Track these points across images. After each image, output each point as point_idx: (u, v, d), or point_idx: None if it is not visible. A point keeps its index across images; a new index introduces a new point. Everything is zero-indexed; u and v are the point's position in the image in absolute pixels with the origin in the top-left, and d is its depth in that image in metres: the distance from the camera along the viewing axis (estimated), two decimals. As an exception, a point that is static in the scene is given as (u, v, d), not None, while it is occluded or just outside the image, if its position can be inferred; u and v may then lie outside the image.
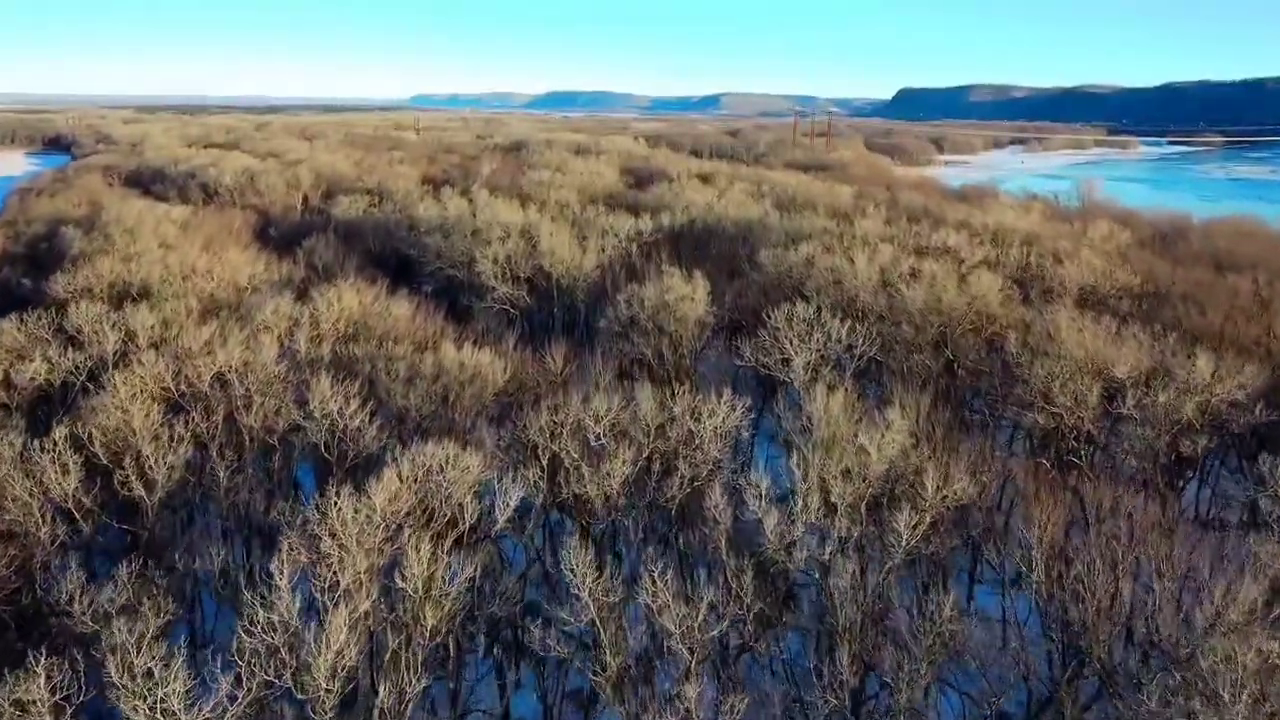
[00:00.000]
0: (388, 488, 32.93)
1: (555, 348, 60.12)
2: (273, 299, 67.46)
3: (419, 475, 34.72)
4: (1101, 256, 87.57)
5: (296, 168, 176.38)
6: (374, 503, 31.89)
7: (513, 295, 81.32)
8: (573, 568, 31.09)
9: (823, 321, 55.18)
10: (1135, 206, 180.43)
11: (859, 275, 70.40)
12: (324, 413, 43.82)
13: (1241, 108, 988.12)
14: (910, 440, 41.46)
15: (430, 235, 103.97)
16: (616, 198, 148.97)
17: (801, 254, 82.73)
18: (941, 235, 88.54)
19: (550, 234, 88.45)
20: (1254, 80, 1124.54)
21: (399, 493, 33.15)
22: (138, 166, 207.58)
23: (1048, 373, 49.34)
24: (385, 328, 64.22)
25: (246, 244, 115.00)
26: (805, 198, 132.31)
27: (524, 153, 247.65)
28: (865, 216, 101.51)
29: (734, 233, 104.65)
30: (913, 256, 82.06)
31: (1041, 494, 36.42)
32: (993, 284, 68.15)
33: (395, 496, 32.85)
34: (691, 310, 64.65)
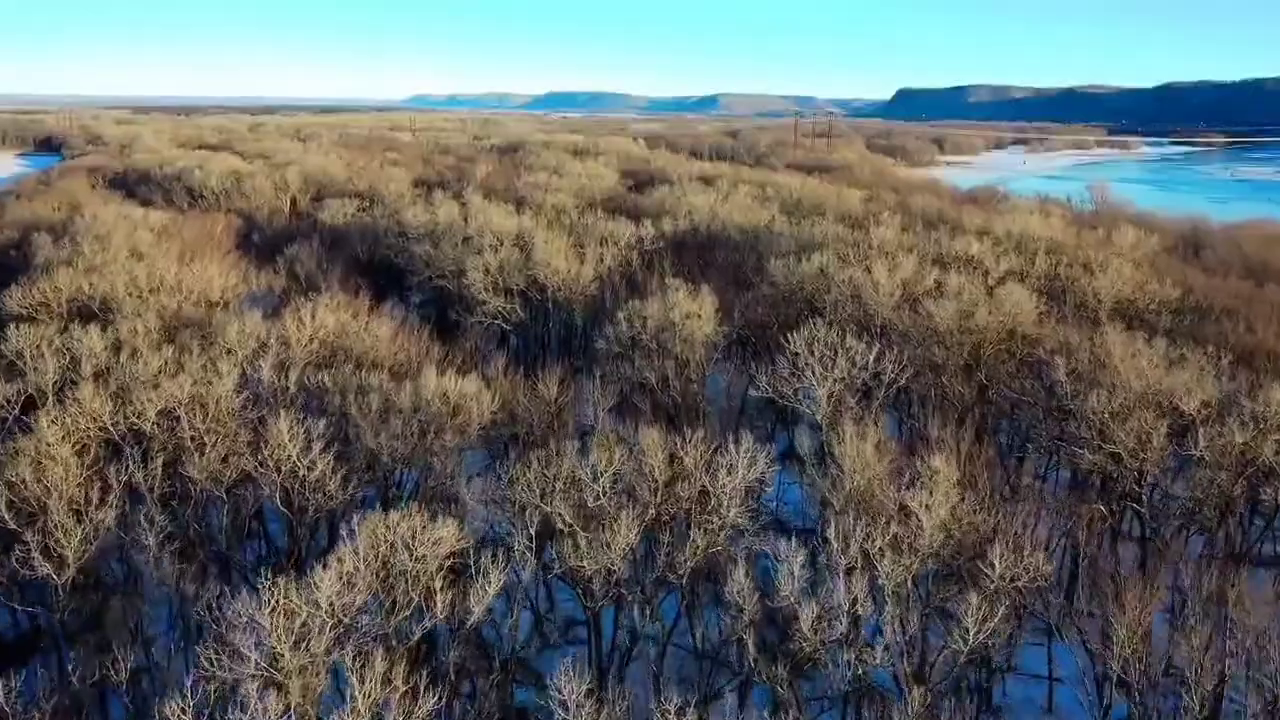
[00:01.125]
0: (339, 570, 27.14)
1: (549, 372, 54.37)
2: (242, 317, 61.69)
3: (381, 551, 28.97)
4: (1132, 266, 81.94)
5: (285, 170, 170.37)
6: (320, 595, 26.02)
7: (505, 309, 75.58)
8: (563, 698, 25.14)
9: (847, 346, 49.43)
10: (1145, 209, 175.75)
11: (880, 290, 64.64)
12: (280, 459, 38.04)
13: (1241, 108, 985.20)
14: (957, 490, 35.74)
15: (419, 242, 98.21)
16: (616, 201, 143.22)
17: (814, 265, 77.04)
18: (963, 244, 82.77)
19: (545, 242, 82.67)
20: (1253, 80, 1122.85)
21: (353, 578, 27.33)
22: (123, 169, 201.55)
23: (1106, 408, 43.56)
24: (363, 349, 58.44)
25: (227, 251, 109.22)
26: (812, 202, 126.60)
27: (521, 154, 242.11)
28: (879, 223, 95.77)
29: (740, 240, 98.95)
30: (934, 268, 76.36)
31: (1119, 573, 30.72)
32: (1026, 299, 62.41)
33: (349, 583, 27.02)
34: (699, 329, 58.92)
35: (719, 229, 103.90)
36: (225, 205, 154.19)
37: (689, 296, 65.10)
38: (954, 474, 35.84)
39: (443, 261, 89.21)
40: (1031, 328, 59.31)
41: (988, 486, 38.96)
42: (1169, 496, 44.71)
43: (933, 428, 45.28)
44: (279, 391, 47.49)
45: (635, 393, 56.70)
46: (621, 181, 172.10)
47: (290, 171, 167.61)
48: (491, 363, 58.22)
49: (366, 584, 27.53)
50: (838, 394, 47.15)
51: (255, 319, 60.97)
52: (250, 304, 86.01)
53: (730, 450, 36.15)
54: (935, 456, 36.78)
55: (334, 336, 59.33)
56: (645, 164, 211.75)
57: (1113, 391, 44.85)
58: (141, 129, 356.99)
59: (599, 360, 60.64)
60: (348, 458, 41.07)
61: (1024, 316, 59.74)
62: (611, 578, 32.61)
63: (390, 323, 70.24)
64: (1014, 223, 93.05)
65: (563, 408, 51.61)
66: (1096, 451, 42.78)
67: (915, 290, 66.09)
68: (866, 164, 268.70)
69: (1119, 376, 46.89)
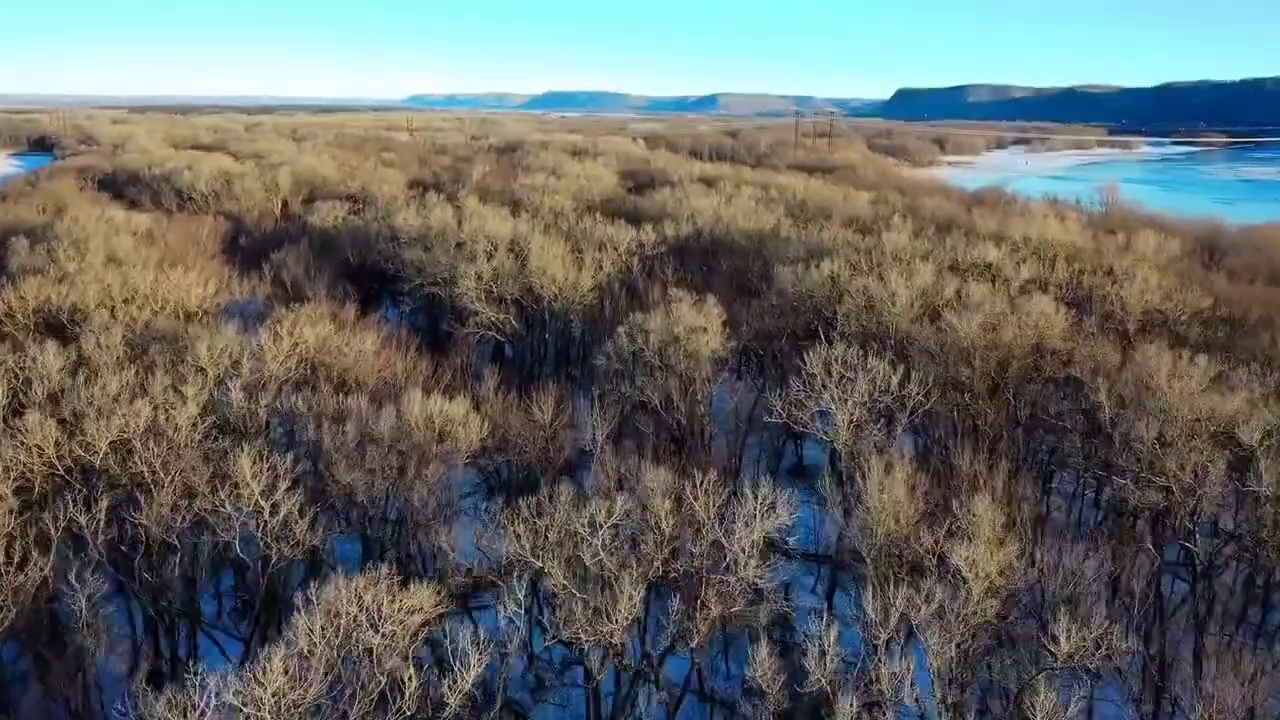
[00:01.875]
0: (292, 649, 23.16)
1: (544, 390, 50.36)
2: (217, 331, 57.69)
3: (343, 624, 24.95)
4: (1158, 273, 77.97)
5: (276, 171, 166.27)
6: (265, 690, 21.93)
7: (498, 320, 71.54)
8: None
9: (868, 366, 45.38)
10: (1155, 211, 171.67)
11: (898, 301, 60.60)
12: (241, 499, 33.93)
13: (1241, 108, 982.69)
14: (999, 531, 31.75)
15: (411, 248, 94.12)
16: (615, 203, 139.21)
17: (823, 273, 73.04)
18: (980, 250, 78.69)
19: (542, 249, 78.61)
20: (1254, 80, 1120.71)
21: (308, 660, 23.32)
22: (113, 169, 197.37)
23: (1154, 435, 39.56)
24: (345, 366, 54.42)
25: (212, 256, 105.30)
26: (818, 204, 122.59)
27: (519, 154, 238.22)
28: (890, 228, 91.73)
29: (745, 245, 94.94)
30: (952, 276, 72.38)
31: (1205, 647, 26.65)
32: (1053, 311, 58.38)
33: (303, 669, 22.99)
34: (705, 344, 54.90)
35: (723, 233, 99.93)
36: (214, 207, 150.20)
37: (693, 308, 61.12)
38: (997, 518, 31.90)
39: (435, 268, 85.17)
40: (1060, 342, 55.28)
41: (1030, 530, 34.94)
42: (1224, 534, 40.81)
43: (962, 456, 41.28)
44: (249, 417, 43.45)
45: (637, 413, 52.73)
46: (621, 183, 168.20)
47: (281, 173, 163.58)
48: (483, 380, 54.10)
49: (323, 667, 23.48)
50: (859, 418, 43.11)
51: (230, 333, 56.95)
52: (230, 314, 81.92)
53: (746, 496, 31.96)
54: (976, 498, 32.80)
55: (314, 352, 55.28)
56: (645, 164, 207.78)
57: (1161, 417, 40.89)
58: (135, 129, 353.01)
59: (598, 378, 56.61)
60: (320, 495, 37.05)
61: (1052, 330, 55.71)
62: (613, 650, 28.58)
63: (377, 335, 66.26)
64: (1031, 227, 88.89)
65: (558, 432, 47.59)
66: (1144, 485, 38.82)
67: (934, 301, 62.08)
68: (870, 165, 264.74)
69: (1163, 398, 42.94)
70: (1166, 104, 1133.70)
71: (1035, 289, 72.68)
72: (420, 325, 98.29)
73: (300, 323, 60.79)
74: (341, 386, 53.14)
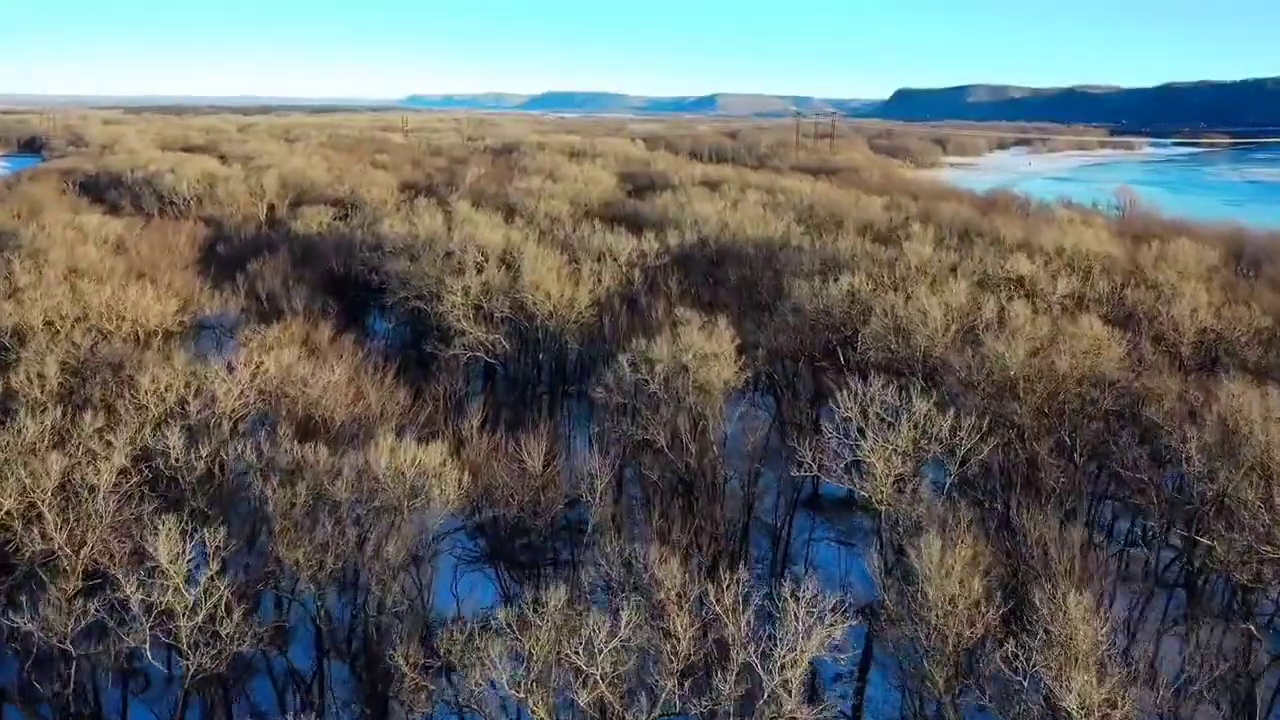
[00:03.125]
0: None
1: (535, 431, 44.05)
2: (175, 355, 51.41)
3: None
4: (1204, 287, 71.79)
5: (262, 174, 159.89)
6: None
7: (487, 340, 65.16)
8: None
9: (910, 406, 39.02)
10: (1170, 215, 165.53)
11: (930, 322, 54.31)
12: (153, 591, 27.52)
13: (1242, 108, 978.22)
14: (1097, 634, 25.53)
15: (396, 257, 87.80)
16: (614, 207, 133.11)
17: (842, 287, 66.81)
18: (1012, 263, 72.36)
19: (536, 260, 72.32)
20: (1254, 80, 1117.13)
21: None
22: (96, 171, 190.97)
23: (1264, 498, 33.29)
24: (311, 400, 48.04)
25: (185, 266, 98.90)
26: (829, 210, 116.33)
27: (515, 156, 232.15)
28: (910, 236, 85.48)
29: (754, 255, 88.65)
30: (982, 292, 66.14)
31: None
32: (1106, 335, 52.08)
33: None
34: (717, 375, 48.59)
35: (729, 241, 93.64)
36: (196, 211, 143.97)
37: (702, 329, 54.80)
38: (1091, 617, 25.67)
39: (420, 281, 78.87)
40: (1118, 372, 48.92)
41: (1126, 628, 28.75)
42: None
43: (1026, 517, 34.98)
44: (186, 471, 37.09)
45: (641, 451, 46.43)
46: (620, 185, 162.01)
47: (267, 176, 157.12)
48: (467, 414, 47.72)
49: None
50: (900, 470, 36.80)
51: (183, 360, 50.60)
52: (198, 333, 75.60)
53: (790, 612, 24.89)
54: (1062, 589, 26.53)
55: (276, 384, 48.92)
56: (645, 166, 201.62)
57: (1265, 474, 34.68)
58: (126, 130, 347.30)
59: (596, 412, 50.35)
60: (262, 579, 30.77)
61: (1110, 357, 49.36)
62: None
63: (353, 359, 59.96)
64: (1065, 236, 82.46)
65: (550, 480, 41.31)
66: (1254, 559, 32.61)
67: (971, 321, 55.76)
68: (874, 166, 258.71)
69: (1259, 444, 36.72)
70: (1166, 104, 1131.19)
71: (1073, 305, 66.47)
72: (404, 341, 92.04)
73: (264, 348, 54.61)
74: (306, 424, 46.82)
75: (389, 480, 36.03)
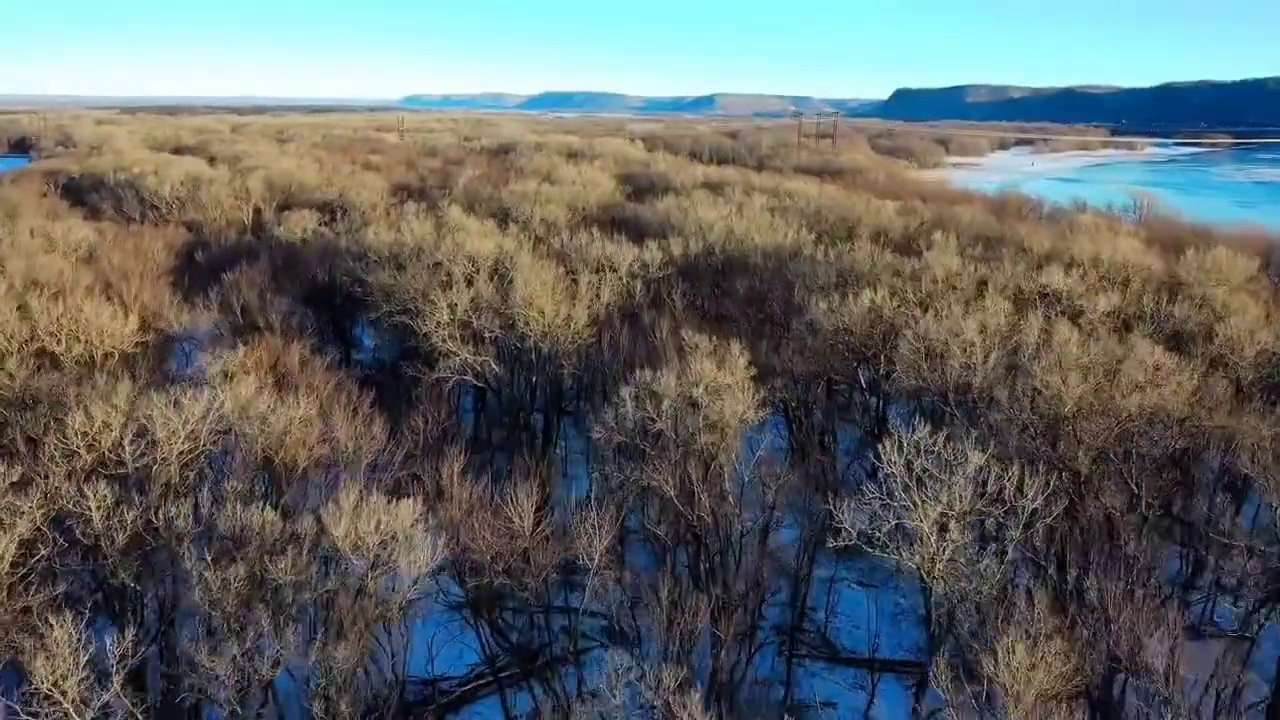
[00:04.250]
0: None
1: (527, 473, 38.27)
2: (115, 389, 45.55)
3: None
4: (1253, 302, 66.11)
5: (248, 176, 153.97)
6: None
7: (476, 362, 59.30)
8: None
9: (966, 462, 33.13)
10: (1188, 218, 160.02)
11: (966, 347, 48.50)
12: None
13: (1242, 108, 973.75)
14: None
15: (381, 268, 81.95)
16: (614, 211, 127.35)
17: (863, 304, 61.06)
18: (1047, 276, 66.51)
19: (529, 274, 66.51)
20: (1254, 80, 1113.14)
21: None
22: (79, 173, 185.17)
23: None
24: (271, 439, 42.23)
25: (159, 276, 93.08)
26: (839, 215, 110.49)
27: (512, 156, 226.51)
28: (931, 245, 79.68)
29: (762, 264, 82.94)
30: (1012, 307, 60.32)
31: None
32: (1168, 362, 46.24)
33: None
34: (732, 410, 42.77)
35: (735, 249, 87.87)
36: (179, 216, 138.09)
37: (712, 354, 48.98)
38: None
39: (405, 295, 73.12)
40: (1184, 407, 43.09)
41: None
42: None
43: (1108, 597, 29.26)
44: (106, 540, 31.23)
45: (647, 499, 40.69)
46: (619, 188, 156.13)
47: (253, 178, 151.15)
48: (448, 456, 41.86)
49: None
50: (961, 542, 30.99)
51: (128, 392, 44.78)
52: (162, 355, 69.67)
53: None
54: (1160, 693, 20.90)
55: (236, 418, 43.09)
56: (645, 168, 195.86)
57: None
58: (116, 130, 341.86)
59: (595, 451, 44.54)
60: (178, 693, 24.93)
61: (1176, 390, 43.47)
62: None
63: (326, 384, 54.16)
64: (1101, 245, 76.50)
65: (543, 540, 35.52)
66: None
67: (1014, 344, 49.91)
68: (879, 167, 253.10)
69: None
70: (1166, 104, 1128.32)
71: (1118, 324, 60.73)
72: (391, 355, 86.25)
73: (225, 376, 48.88)
74: (265, 468, 41.04)
75: (347, 550, 30.29)
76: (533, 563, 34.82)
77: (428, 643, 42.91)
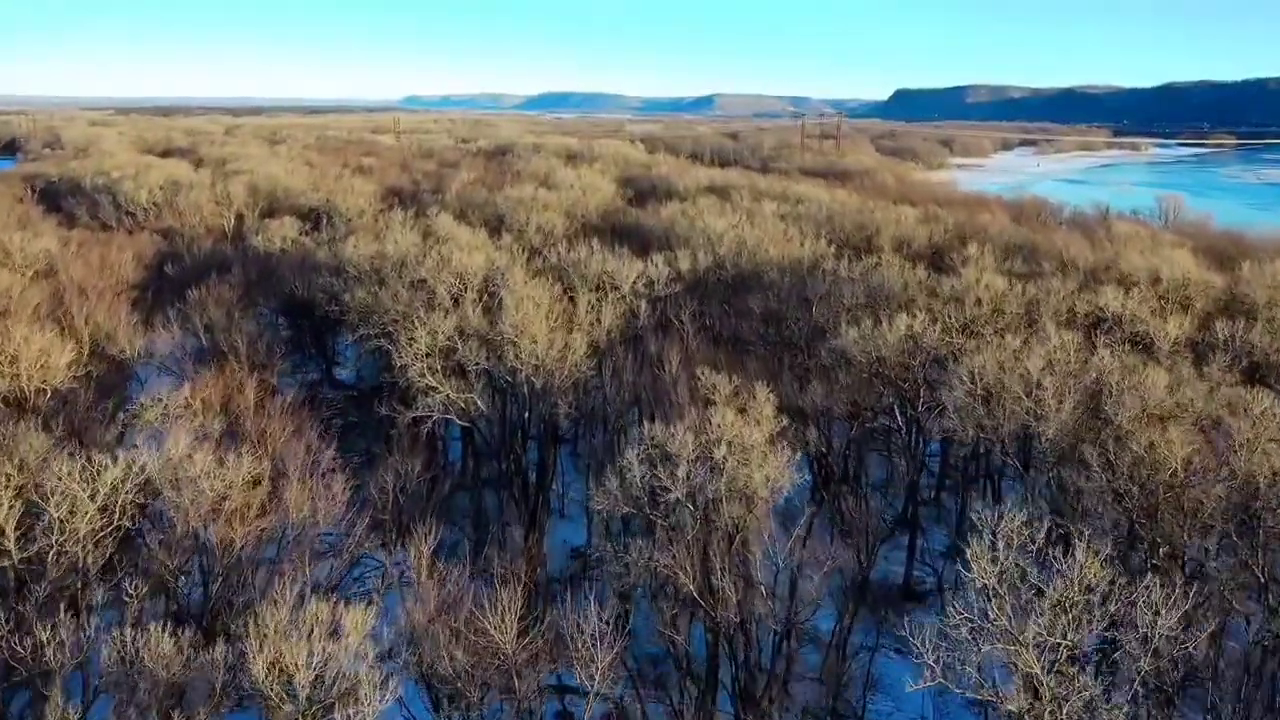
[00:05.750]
0: None
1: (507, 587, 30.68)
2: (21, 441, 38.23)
3: None
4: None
5: (231, 181, 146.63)
6: None
7: (460, 399, 51.70)
8: None
9: (1056, 547, 25.74)
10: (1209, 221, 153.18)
11: (1031, 388, 40.97)
12: None
13: (1243, 108, 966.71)
14: None
15: (361, 283, 74.63)
16: (614, 218, 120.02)
17: (899, 330, 53.61)
18: (1103, 296, 58.91)
19: (521, 295, 59.03)
20: (1255, 80, 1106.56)
21: None
22: (58, 177, 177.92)
23: None
24: (203, 510, 34.75)
25: (119, 293, 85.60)
26: (856, 223, 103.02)
27: (509, 158, 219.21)
28: (966, 260, 72.22)
29: (779, 280, 75.47)
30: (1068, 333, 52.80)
31: None
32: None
33: None
34: (762, 474, 35.24)
35: (748, 264, 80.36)
36: (155, 223, 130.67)
37: (733, 398, 41.52)
38: None
39: (384, 316, 65.77)
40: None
41: None
42: None
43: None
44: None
45: (661, 586, 33.24)
46: (620, 192, 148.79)
47: (235, 183, 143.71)
48: (416, 535, 34.34)
49: None
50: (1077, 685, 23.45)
51: (40, 443, 37.45)
52: (94, 394, 61.85)
53: None
54: None
55: (161, 484, 35.62)
56: (646, 170, 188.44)
57: None
58: (106, 131, 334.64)
59: (594, 528, 37.07)
60: None
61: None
62: None
63: (284, 428, 46.70)
64: (1158, 259, 68.74)
65: (536, 655, 28.08)
66: None
67: (1093, 385, 42.24)
68: (887, 169, 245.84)
69: None
70: (1167, 104, 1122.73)
71: (1191, 354, 53.26)
72: (363, 390, 78.93)
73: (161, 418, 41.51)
74: (195, 550, 33.53)
75: (278, 693, 22.86)
76: (518, 684, 27.43)
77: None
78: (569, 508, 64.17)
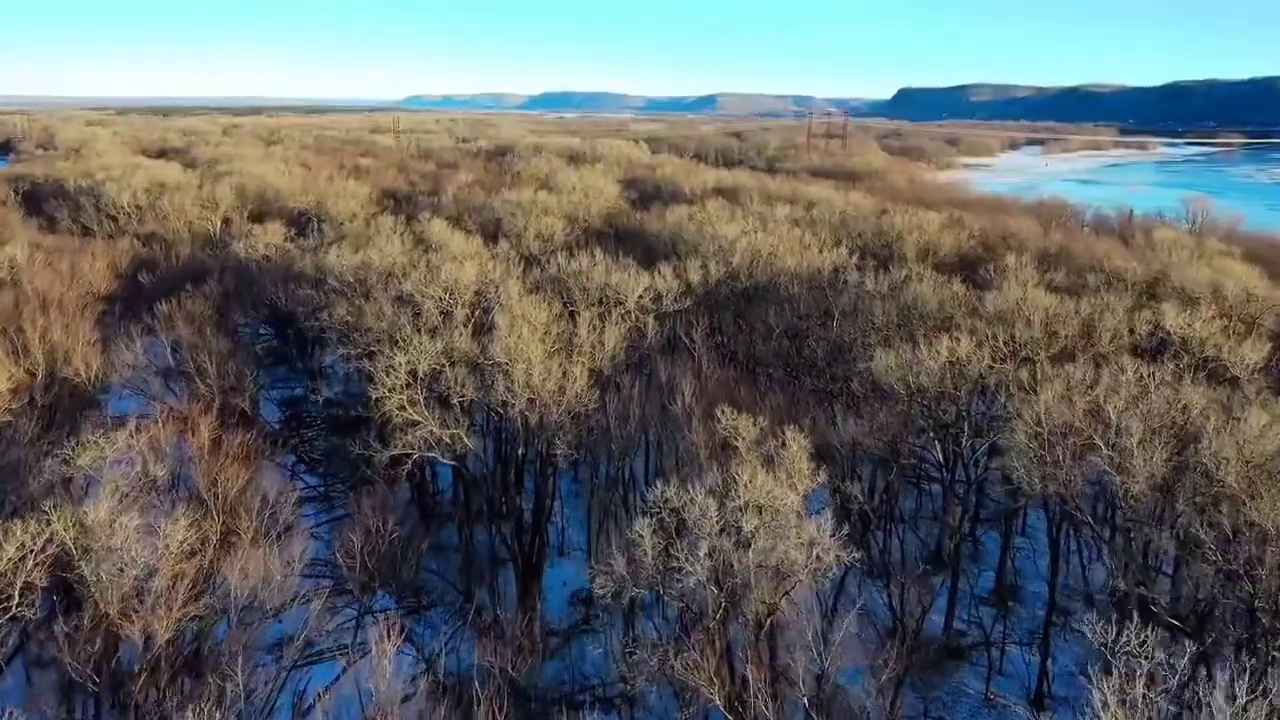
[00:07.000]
0: None
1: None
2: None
3: None
4: None
5: (218, 183, 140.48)
6: None
7: (446, 435, 45.52)
8: None
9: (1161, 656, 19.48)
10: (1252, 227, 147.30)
11: (1112, 438, 34.72)
12: None
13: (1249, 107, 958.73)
14: None
15: (344, 296, 68.55)
16: (617, 222, 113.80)
17: (941, 357, 47.33)
18: (1167, 316, 52.56)
19: (515, 314, 52.86)
20: (1262, 79, 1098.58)
21: None
22: (44, 179, 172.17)
23: None
24: (126, 590, 28.60)
25: (85, 305, 79.48)
26: (876, 229, 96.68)
27: (510, 158, 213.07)
28: (1004, 272, 65.89)
29: (798, 293, 69.25)
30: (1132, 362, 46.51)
31: None
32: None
33: None
34: (800, 544, 29.07)
35: (764, 275, 74.03)
36: (138, 228, 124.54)
37: (758, 444, 35.32)
38: None
39: (366, 335, 59.68)
40: None
41: None
42: None
43: None
44: None
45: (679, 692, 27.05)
46: (623, 194, 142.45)
47: (222, 186, 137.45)
48: (379, 621, 28.17)
49: None
50: None
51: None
52: (37, 427, 55.61)
53: None
54: None
55: (76, 557, 29.46)
56: (650, 172, 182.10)
57: None
58: (101, 131, 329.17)
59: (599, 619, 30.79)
60: None
61: None
62: None
63: (239, 476, 40.51)
64: (1225, 272, 62.20)
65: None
66: None
67: (1186, 429, 35.98)
68: (897, 170, 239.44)
69: None
70: (1173, 103, 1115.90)
71: (1268, 379, 47.00)
72: (354, 404, 72.69)
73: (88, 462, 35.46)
74: (107, 650, 27.44)
75: None
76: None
77: None
78: (569, 541, 58.12)
